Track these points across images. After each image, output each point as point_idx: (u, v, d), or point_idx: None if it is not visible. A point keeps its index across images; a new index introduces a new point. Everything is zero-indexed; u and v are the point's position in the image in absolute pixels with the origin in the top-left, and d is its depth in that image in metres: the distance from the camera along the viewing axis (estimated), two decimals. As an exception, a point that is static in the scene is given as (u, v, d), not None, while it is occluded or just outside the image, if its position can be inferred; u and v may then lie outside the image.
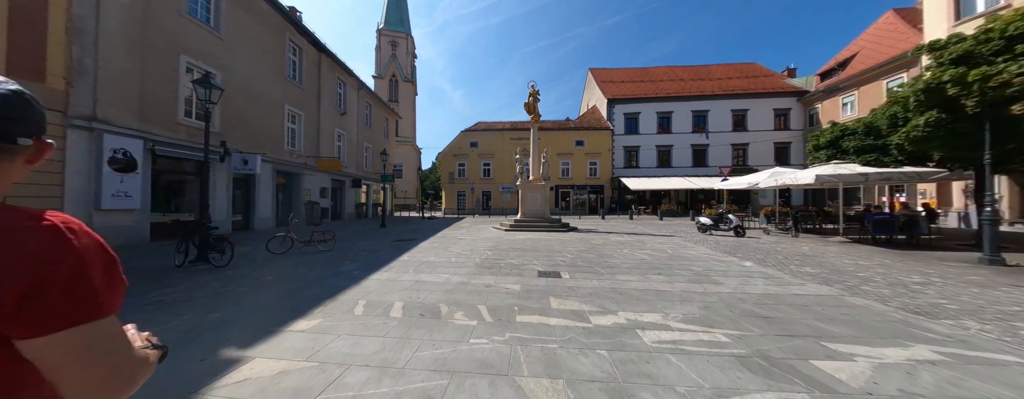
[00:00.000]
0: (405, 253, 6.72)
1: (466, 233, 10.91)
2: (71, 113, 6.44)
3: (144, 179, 7.75)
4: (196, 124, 9.28)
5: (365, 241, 8.79)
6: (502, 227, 11.96)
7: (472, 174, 28.92)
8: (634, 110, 26.07)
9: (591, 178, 26.50)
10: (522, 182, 12.54)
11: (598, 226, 13.89)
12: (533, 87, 12.72)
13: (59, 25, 6.29)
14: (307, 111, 14.80)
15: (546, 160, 12.25)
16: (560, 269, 5.23)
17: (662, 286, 4.28)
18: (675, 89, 26.85)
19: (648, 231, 11.86)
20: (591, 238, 9.57)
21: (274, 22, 12.54)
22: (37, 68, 6.00)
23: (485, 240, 8.95)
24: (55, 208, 4.14)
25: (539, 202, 12.32)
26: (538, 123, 12.82)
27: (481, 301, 3.58)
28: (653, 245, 8.17)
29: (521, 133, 27.84)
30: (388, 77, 48.70)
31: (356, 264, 5.62)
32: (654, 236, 10.25)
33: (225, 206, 10.20)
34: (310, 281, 4.48)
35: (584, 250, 7.25)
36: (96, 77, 6.82)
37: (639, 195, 25.36)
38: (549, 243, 8.37)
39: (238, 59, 10.72)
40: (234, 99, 10.58)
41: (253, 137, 11.44)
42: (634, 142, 26.11)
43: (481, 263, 5.69)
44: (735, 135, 25.70)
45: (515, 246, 7.80)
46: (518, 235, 10.19)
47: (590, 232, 11.31)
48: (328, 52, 16.31)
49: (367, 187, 22.22)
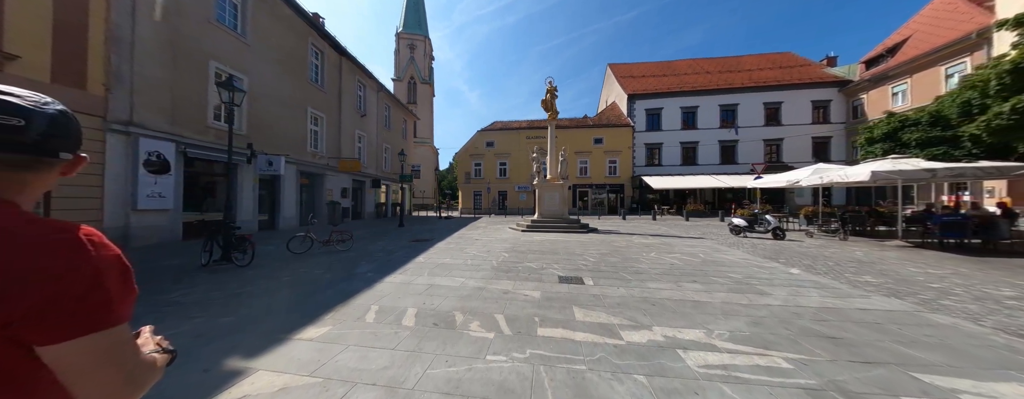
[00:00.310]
0: (421, 254, 6.59)
1: (482, 234, 10.72)
2: (109, 118, 6.77)
3: (177, 180, 8.09)
4: (225, 127, 9.61)
5: (382, 241, 8.78)
6: (519, 228, 11.68)
7: (488, 174, 28.84)
8: (656, 105, 24.99)
9: (610, 177, 25.66)
10: (539, 181, 12.21)
11: (619, 227, 13.31)
12: (550, 83, 12.35)
13: (98, 34, 6.63)
14: (329, 113, 15.16)
15: (564, 158, 11.85)
16: (582, 274, 4.89)
17: (699, 296, 3.85)
18: (701, 82, 25.52)
19: (674, 233, 11.19)
20: (613, 240, 9.10)
21: (297, 27, 12.89)
22: (79, 76, 6.34)
23: (501, 241, 8.70)
24: (95, 208, 5.72)
25: (557, 202, 11.94)
26: (556, 121, 12.44)
27: (498, 310, 3.32)
28: (682, 248, 7.62)
29: (538, 132, 27.46)
30: (406, 80, 49.66)
31: (372, 265, 5.52)
32: (682, 238, 9.63)
33: (252, 206, 10.55)
34: (325, 284, 4.39)
35: (607, 253, 6.84)
36: (132, 83, 7.15)
37: (662, 194, 24.32)
38: (568, 245, 8.01)
39: (263, 64, 11.06)
40: (259, 103, 10.93)
41: (278, 139, 11.78)
42: (656, 139, 25.05)
43: (498, 266, 5.43)
44: (768, 130, 24.09)
45: (533, 248, 7.50)
46: (535, 236, 9.88)
47: (611, 233, 10.81)
48: (348, 55, 16.65)
49: (387, 187, 22.61)
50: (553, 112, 12.29)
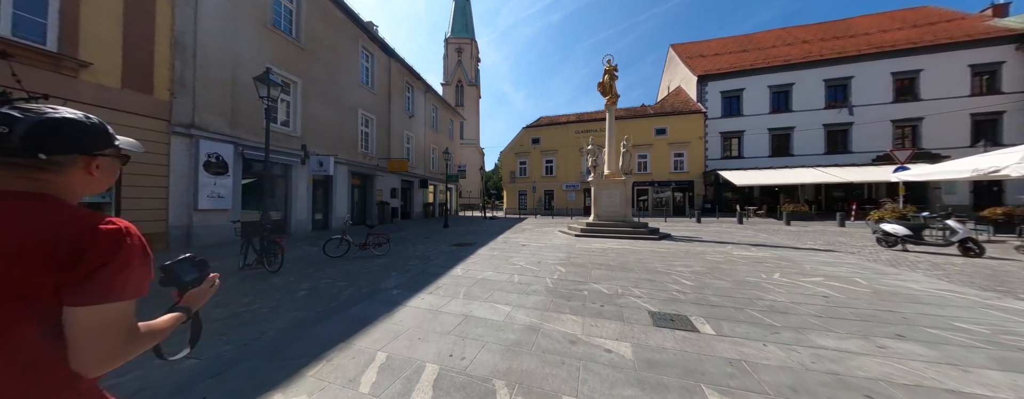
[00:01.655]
0: (459, 264, 5.53)
1: (530, 238, 9.42)
2: (174, 121, 7.04)
3: (235, 181, 8.32)
4: (281, 130, 9.88)
5: (422, 245, 8.03)
6: (571, 232, 10.13)
7: (534, 172, 27.51)
8: (735, 86, 20.99)
9: (676, 173, 22.29)
10: (595, 178, 10.48)
11: (699, 232, 10.89)
12: (610, 63, 10.54)
13: (164, 42, 6.92)
14: (378, 115, 15.34)
15: (627, 148, 9.95)
16: (685, 309, 3.27)
17: (939, 371, 2.02)
18: (797, 54, 20.78)
19: (784, 242, 8.56)
20: (702, 251, 7.06)
21: (348, 30, 13.10)
22: (146, 82, 6.64)
23: (553, 249, 7.29)
24: (160, 208, 6.75)
25: (618, 201, 10.09)
26: (615, 105, 10.58)
27: (568, 384, 1.96)
28: (817, 267, 5.37)
29: (587, 125, 25.30)
30: (454, 83, 50.98)
31: (402, 278, 4.58)
32: (802, 251, 7.14)
33: (306, 206, 10.78)
34: (340, 304, 3.50)
35: (704, 272, 5.00)
36: (194, 88, 7.41)
37: (743, 192, 20.34)
38: (642, 257, 6.27)
39: (316, 67, 11.29)
40: (313, 105, 11.16)
41: (330, 141, 12.00)
42: (735, 126, 21.03)
43: (554, 288, 4.06)
44: (898, 108, 18.56)
45: (595, 259, 5.95)
46: (594, 243, 8.25)
47: (692, 241, 8.64)
48: (397, 57, 16.78)
49: (434, 187, 22.74)
50: (613, 95, 10.46)
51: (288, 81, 10.21)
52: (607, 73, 10.52)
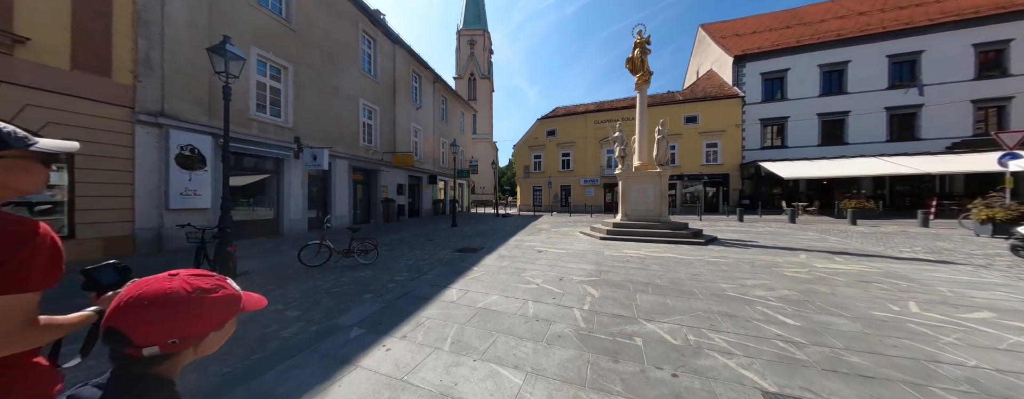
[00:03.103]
0: (457, 281, 4.29)
1: (547, 240, 8.08)
2: (138, 109, 6.16)
3: (214, 176, 7.44)
4: (269, 119, 8.97)
5: (420, 249, 6.86)
6: (595, 233, 8.70)
7: (549, 166, 25.97)
8: (777, 67, 18.54)
9: (709, 165, 20.11)
10: (623, 170, 8.96)
11: (748, 234, 9.19)
12: (641, 34, 8.92)
13: (125, 17, 6.01)
14: (382, 106, 14.33)
15: (663, 134, 8.35)
16: (820, 384, 1.86)
17: None
18: (852, 27, 18.06)
19: (870, 248, 6.82)
20: (770, 262, 5.50)
21: (347, 12, 12.06)
22: (103, 63, 5.76)
23: (576, 257, 5.93)
24: (125, 208, 5.93)
25: (651, 198, 8.55)
26: (648, 84, 8.97)
27: None
28: (959, 291, 3.77)
29: (608, 114, 23.46)
30: (466, 76, 49.77)
31: (374, 306, 3.39)
32: (906, 262, 5.44)
33: (300, 203, 9.90)
34: (269, 352, 2.33)
35: (799, 299, 3.52)
36: (163, 71, 6.50)
37: (788, 186, 18.06)
38: (696, 271, 4.81)
39: (311, 51, 10.30)
40: (307, 93, 10.20)
41: (328, 132, 11.06)
42: (778, 111, 18.62)
43: (588, 329, 2.74)
44: (980, 85, 15.71)
45: (634, 274, 4.56)
46: (626, 248, 6.81)
47: (747, 246, 7.04)
48: (403, 44, 15.68)
49: (444, 183, 21.74)
50: (645, 72, 8.85)
51: (278, 66, 9.26)
52: (638, 46, 8.91)
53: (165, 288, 0.51)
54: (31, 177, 0.73)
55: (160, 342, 0.49)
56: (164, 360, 0.50)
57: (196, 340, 0.53)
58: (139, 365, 0.49)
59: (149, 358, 0.49)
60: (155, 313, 0.49)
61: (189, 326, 0.51)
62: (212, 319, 0.54)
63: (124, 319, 0.48)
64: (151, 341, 0.48)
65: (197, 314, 0.52)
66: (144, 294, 0.50)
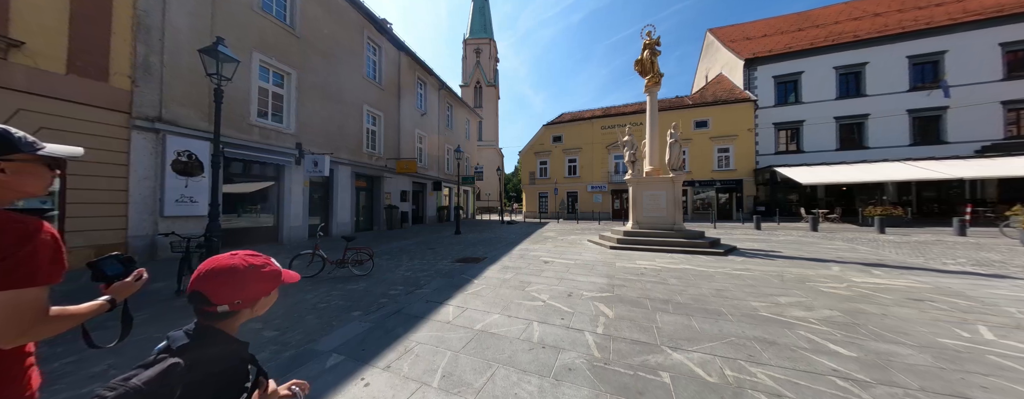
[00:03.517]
0: (455, 296, 3.91)
1: (553, 249, 7.66)
2: (135, 114, 6.05)
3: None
4: (271, 125, 8.86)
5: (420, 259, 6.51)
6: (605, 242, 8.24)
7: (555, 173, 25.60)
8: (792, 69, 18.02)
9: (721, 170, 19.49)
10: (634, 175, 8.55)
11: (769, 243, 8.62)
12: (649, 35, 8.62)
13: (124, 21, 5.95)
14: (387, 112, 14.26)
15: (676, 138, 7.94)
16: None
17: None
18: (869, 28, 17.52)
19: (907, 259, 6.24)
20: (801, 275, 5.00)
21: (352, 19, 12.09)
22: (100, 68, 5.68)
23: (586, 268, 5.50)
24: (118, 215, 5.78)
25: (664, 205, 8.10)
26: (659, 86, 8.61)
27: None
28: (1015, 307, 3.24)
29: (615, 119, 23.10)
30: (473, 84, 50.21)
31: (360, 326, 3.03)
32: (954, 275, 4.88)
33: (301, 211, 9.70)
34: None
35: (845, 321, 3.05)
36: (162, 76, 6.42)
37: (806, 192, 17.31)
38: (720, 286, 4.35)
39: (314, 58, 10.27)
40: (311, 99, 10.13)
41: (331, 139, 10.94)
42: (792, 115, 18.02)
43: (603, 358, 2.33)
44: (1010, 86, 14.95)
45: (651, 290, 4.12)
46: (639, 259, 6.36)
47: (771, 257, 6.51)
48: (408, 50, 15.71)
49: (450, 190, 21.53)
50: (655, 75, 8.51)
51: (280, 72, 9.20)
52: (647, 48, 8.60)
53: (229, 264, 0.69)
54: (36, 180, 0.78)
55: (228, 302, 0.68)
56: (231, 315, 0.70)
57: (251, 302, 0.72)
58: (214, 318, 0.69)
59: (222, 313, 0.68)
60: (223, 281, 0.68)
61: (246, 291, 0.70)
62: (262, 287, 0.72)
63: (203, 285, 0.67)
64: (222, 301, 0.68)
65: (252, 283, 0.70)
66: (215, 268, 0.68)
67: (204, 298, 0.66)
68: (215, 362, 0.66)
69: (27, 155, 0.75)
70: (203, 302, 0.66)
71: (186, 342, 0.63)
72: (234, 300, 0.68)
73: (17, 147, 0.73)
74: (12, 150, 0.73)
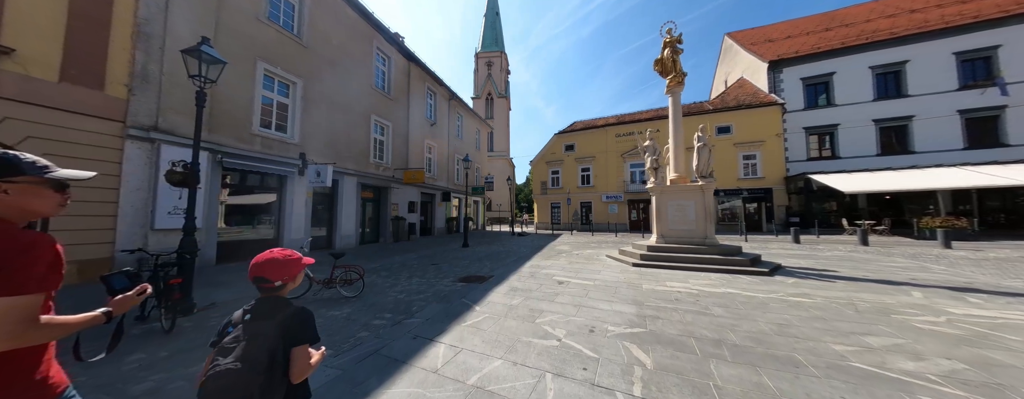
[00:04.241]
0: (450, 329, 3.22)
1: (568, 266, 6.87)
2: (130, 123, 5.84)
3: (210, 194, 6.99)
4: (274, 135, 8.64)
5: (419, 277, 5.88)
6: (627, 258, 7.39)
7: (568, 182, 24.81)
8: (822, 71, 16.87)
9: (747, 178, 18.19)
10: (657, 184, 7.73)
11: (815, 259, 7.53)
12: (670, 33, 7.99)
13: (124, 29, 5.84)
14: (395, 122, 14.07)
15: (704, 142, 7.13)
16: None
17: None
18: (906, 24, 16.29)
19: (1002, 283, 5.10)
20: (879, 303, 4.04)
21: (361, 30, 12.08)
22: (95, 76, 5.52)
23: (608, 292, 4.71)
24: (106, 228, 5.61)
25: (692, 216, 7.22)
26: (682, 86, 7.89)
27: None
28: None
29: (629, 126, 22.31)
30: (484, 96, 50.72)
31: (326, 372, 2.38)
32: (1089, 308, 3.79)
33: (304, 223, 9.34)
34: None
35: (983, 380, 2.16)
36: (161, 84, 6.24)
37: (845, 201, 15.82)
38: (778, 316, 3.48)
39: (321, 67, 10.16)
40: (317, 109, 9.95)
41: (337, 149, 10.70)
42: (825, 119, 16.73)
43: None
44: (1082, 82, 13.30)
45: (692, 324, 3.30)
46: (669, 279, 5.50)
47: (824, 278, 5.51)
48: (417, 61, 15.67)
49: (460, 200, 21.09)
50: (677, 74, 7.81)
51: (286, 81, 9.06)
52: (667, 46, 7.95)
53: (274, 256, 1.07)
54: (41, 201, 0.87)
55: (280, 279, 1.05)
56: (282, 288, 1.07)
57: (291, 279, 1.08)
58: (273, 291, 1.06)
59: (278, 286, 1.06)
60: (274, 267, 1.04)
61: (288, 272, 1.06)
62: (296, 269, 1.09)
63: (261, 272, 1.03)
64: (276, 279, 1.04)
65: (291, 267, 1.07)
66: (267, 260, 1.05)
67: (265, 279, 1.04)
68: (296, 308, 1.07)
69: (32, 177, 0.85)
70: (264, 281, 1.04)
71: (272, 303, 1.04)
72: (283, 277, 1.05)
73: (21, 170, 0.84)
74: (16, 173, 0.83)
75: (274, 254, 1.06)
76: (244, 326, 0.95)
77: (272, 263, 1.03)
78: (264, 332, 0.92)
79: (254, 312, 1.00)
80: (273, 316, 0.98)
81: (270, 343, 0.91)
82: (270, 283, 1.03)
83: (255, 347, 0.89)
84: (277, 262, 1.04)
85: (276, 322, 0.95)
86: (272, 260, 1.04)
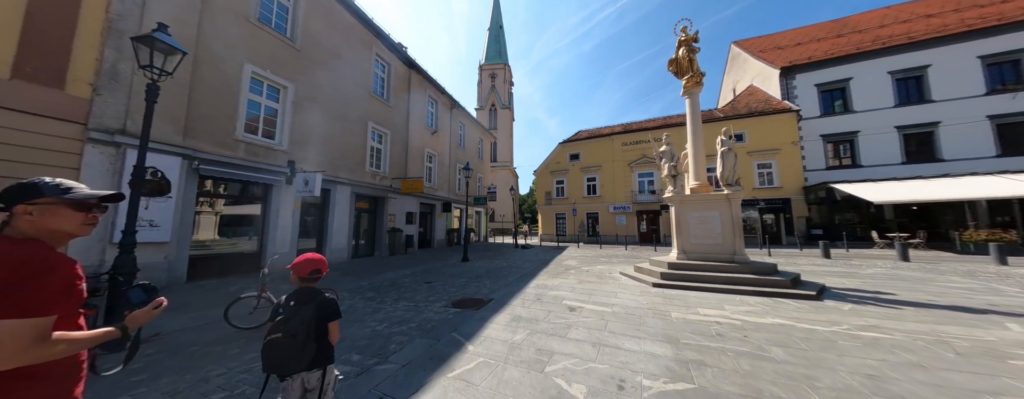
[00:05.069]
0: (431, 382, 2.44)
1: (578, 286, 6.05)
2: (92, 125, 5.29)
3: (182, 205, 6.36)
4: (260, 141, 8.09)
5: (407, 299, 5.10)
6: (645, 276, 6.55)
7: (573, 192, 24.07)
8: (836, 77, 16.24)
9: (763, 188, 17.30)
10: (675, 193, 6.98)
11: (854, 277, 6.62)
12: (685, 31, 7.43)
13: (94, 25, 5.39)
14: (394, 130, 13.59)
15: (729, 146, 6.41)
16: None
17: None
18: (924, 29, 15.73)
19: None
20: (968, 338, 3.17)
21: (359, 35, 11.77)
22: (55, 73, 5.02)
23: (631, 322, 3.89)
24: None
25: (718, 229, 6.42)
26: (700, 87, 7.25)
27: None
28: None
29: (636, 135, 21.71)
30: (487, 107, 50.88)
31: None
32: None
33: (290, 235, 8.66)
34: None
35: None
36: (132, 84, 5.73)
37: (870, 211, 14.84)
38: (858, 359, 2.64)
39: (315, 72, 9.74)
40: (309, 115, 9.45)
41: (330, 157, 10.15)
42: (844, 126, 15.96)
43: None
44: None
45: (752, 375, 2.48)
46: (700, 305, 4.66)
47: (882, 302, 4.63)
48: (418, 69, 15.37)
49: (461, 211, 20.39)
50: (694, 74, 7.19)
51: (276, 85, 8.60)
52: (682, 45, 7.38)
53: (307, 258, 1.55)
54: (63, 220, 0.91)
55: (325, 271, 1.58)
56: (317, 279, 1.57)
57: (323, 272, 1.57)
58: (311, 281, 1.56)
59: (315, 278, 1.55)
60: (321, 263, 1.56)
61: (325, 267, 1.57)
62: (323, 265, 1.56)
63: (317, 265, 1.55)
64: (324, 270, 1.57)
65: (317, 263, 1.54)
66: (303, 261, 1.53)
67: (318, 271, 1.54)
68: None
69: (52, 199, 0.89)
70: (317, 273, 1.54)
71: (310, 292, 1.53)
72: (325, 270, 1.57)
73: (40, 192, 0.89)
74: (37, 195, 0.88)
75: (308, 256, 1.56)
76: (291, 309, 1.45)
77: (320, 261, 1.55)
78: (303, 313, 1.42)
79: (297, 298, 1.49)
80: (311, 301, 1.48)
81: (307, 320, 1.40)
82: (320, 273, 1.55)
83: (297, 323, 1.39)
84: (321, 260, 1.56)
85: (313, 305, 1.46)
86: (320, 259, 1.56)
